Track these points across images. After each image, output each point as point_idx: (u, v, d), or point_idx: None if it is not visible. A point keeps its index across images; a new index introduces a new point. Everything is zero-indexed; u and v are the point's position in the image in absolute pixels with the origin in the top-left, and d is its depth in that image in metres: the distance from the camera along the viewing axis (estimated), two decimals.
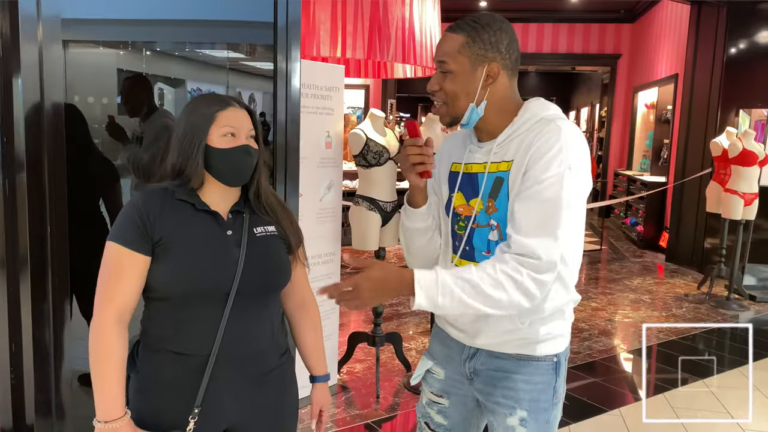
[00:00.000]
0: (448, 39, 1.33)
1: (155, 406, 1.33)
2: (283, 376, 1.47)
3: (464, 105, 1.33)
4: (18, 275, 1.80)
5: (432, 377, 1.53)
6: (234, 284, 1.31)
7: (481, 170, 1.36)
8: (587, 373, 3.72)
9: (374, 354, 3.43)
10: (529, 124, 1.32)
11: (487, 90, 1.33)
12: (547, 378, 1.39)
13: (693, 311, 5.06)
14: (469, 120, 1.35)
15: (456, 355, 1.46)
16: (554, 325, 1.37)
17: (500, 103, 1.35)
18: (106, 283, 1.28)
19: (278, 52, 2.32)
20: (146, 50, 2.57)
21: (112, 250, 1.29)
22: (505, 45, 1.34)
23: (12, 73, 1.74)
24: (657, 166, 8.35)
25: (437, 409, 1.51)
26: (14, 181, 1.76)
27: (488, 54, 1.32)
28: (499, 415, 1.40)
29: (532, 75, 15.21)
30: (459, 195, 1.40)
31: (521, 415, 1.37)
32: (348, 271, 5.98)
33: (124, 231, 1.30)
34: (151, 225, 1.29)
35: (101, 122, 2.45)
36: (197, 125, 1.33)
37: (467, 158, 1.40)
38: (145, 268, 1.30)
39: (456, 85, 1.32)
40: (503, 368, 1.39)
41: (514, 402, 1.38)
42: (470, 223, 1.37)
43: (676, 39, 7.58)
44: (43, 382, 1.88)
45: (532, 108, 1.35)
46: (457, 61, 1.31)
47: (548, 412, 1.40)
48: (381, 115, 3.49)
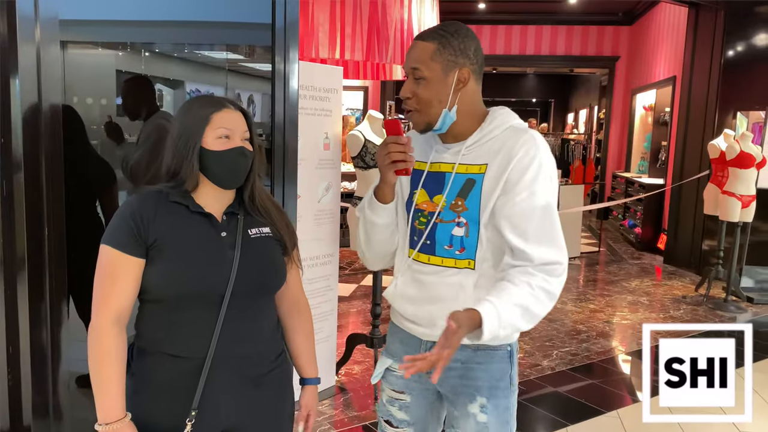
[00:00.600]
0: (419, 47, 1.38)
1: (151, 409, 1.32)
2: (279, 378, 1.46)
3: (437, 111, 1.39)
4: (15, 276, 1.79)
5: (392, 375, 1.57)
6: (229, 286, 1.31)
7: (449, 170, 1.41)
8: (585, 374, 3.72)
9: (372, 355, 3.43)
10: (499, 131, 1.39)
11: (458, 95, 1.39)
12: (503, 366, 1.45)
13: (691, 313, 5.07)
14: (442, 125, 1.40)
15: (414, 351, 1.49)
16: None
17: (469, 107, 1.42)
18: (101, 287, 1.28)
19: (276, 54, 2.32)
20: (145, 51, 2.57)
21: (106, 254, 1.29)
22: (473, 51, 1.40)
23: (9, 74, 1.74)
24: (655, 168, 8.37)
25: (399, 406, 1.55)
26: (12, 182, 1.76)
27: (459, 60, 1.37)
28: (459, 404, 1.46)
29: (531, 77, 15.23)
30: (422, 192, 1.46)
31: (481, 402, 1.43)
32: (347, 273, 5.98)
33: (118, 234, 1.29)
34: (145, 228, 1.29)
35: (99, 123, 2.44)
36: (192, 127, 1.33)
37: (434, 158, 1.46)
38: (140, 270, 1.29)
39: (429, 91, 1.37)
40: (461, 359, 1.43)
41: (473, 390, 1.44)
42: (433, 218, 1.42)
43: (674, 41, 7.60)
44: (40, 383, 1.87)
45: (500, 115, 1.43)
46: (429, 67, 1.36)
47: (507, 399, 1.47)
48: (379, 117, 3.50)
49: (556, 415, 3.14)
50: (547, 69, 11.81)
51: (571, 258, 7.07)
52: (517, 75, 14.66)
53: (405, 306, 1.49)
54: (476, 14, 9.39)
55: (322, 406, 3.15)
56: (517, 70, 12.76)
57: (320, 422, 2.98)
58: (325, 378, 3.26)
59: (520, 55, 9.92)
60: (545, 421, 3.09)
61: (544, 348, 4.15)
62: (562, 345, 4.24)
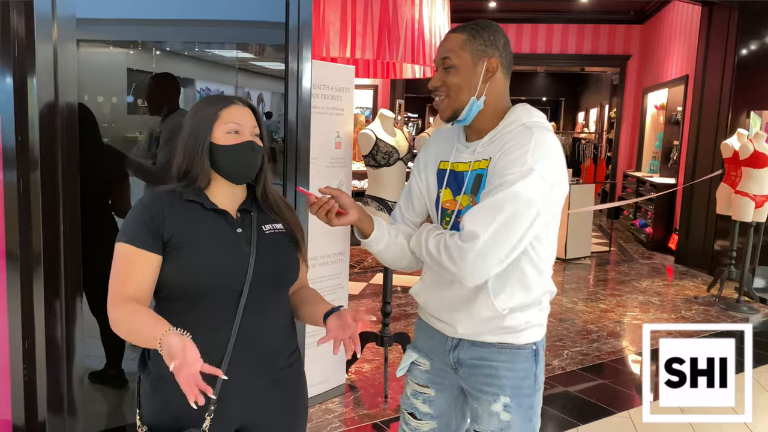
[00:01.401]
0: (450, 38, 1.44)
1: (169, 406, 1.33)
2: (294, 375, 1.47)
3: (466, 98, 1.41)
4: (31, 273, 1.81)
5: (417, 369, 1.59)
6: (246, 281, 1.32)
7: (467, 169, 1.44)
8: (596, 374, 3.71)
9: (382, 354, 3.44)
10: (512, 127, 1.40)
11: (487, 85, 1.42)
12: (527, 365, 1.45)
13: (702, 314, 5.03)
14: (468, 114, 1.42)
15: (440, 347, 1.52)
16: (532, 314, 1.44)
17: (495, 100, 1.44)
18: (116, 281, 1.29)
19: (289, 53, 2.33)
20: (156, 50, 2.58)
21: (122, 251, 1.30)
22: (502, 44, 1.44)
23: (27, 72, 1.76)
24: (666, 167, 8.31)
25: (423, 399, 1.57)
26: (28, 179, 1.78)
27: (487, 50, 1.41)
28: (483, 402, 1.46)
29: (541, 76, 15.17)
30: (447, 191, 1.48)
31: (505, 401, 1.44)
32: (356, 271, 5.99)
33: (133, 231, 1.30)
34: (161, 223, 1.30)
35: (110, 122, 2.46)
36: (201, 124, 1.34)
37: (455, 158, 1.48)
38: (156, 267, 1.30)
39: (459, 79, 1.41)
40: (486, 357, 1.45)
41: (497, 389, 1.44)
42: (453, 217, 1.44)
43: (686, 40, 7.54)
44: (55, 379, 1.89)
45: (517, 112, 1.44)
46: (459, 56, 1.40)
47: (531, 398, 1.47)
48: (391, 116, 3.50)
49: (566, 415, 3.13)
50: (558, 68, 11.75)
51: (582, 257, 7.05)
52: (528, 74, 14.60)
53: (429, 303, 1.51)
54: (487, 13, 9.36)
55: (332, 403, 3.16)
56: (527, 69, 12.70)
57: (330, 420, 2.99)
58: (336, 376, 3.27)
59: (530, 53, 9.88)
60: (556, 420, 3.09)
61: (554, 348, 4.14)
62: (573, 345, 4.22)
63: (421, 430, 1.57)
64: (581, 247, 7.06)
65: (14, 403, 1.86)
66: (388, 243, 1.49)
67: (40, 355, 1.85)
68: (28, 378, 1.85)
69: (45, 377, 1.87)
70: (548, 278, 1.47)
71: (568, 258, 6.92)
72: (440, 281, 1.47)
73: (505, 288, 1.39)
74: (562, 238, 6.83)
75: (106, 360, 2.37)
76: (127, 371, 2.32)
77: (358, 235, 1.50)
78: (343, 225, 1.41)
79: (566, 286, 5.92)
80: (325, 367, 3.17)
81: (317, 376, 3.10)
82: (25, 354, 1.83)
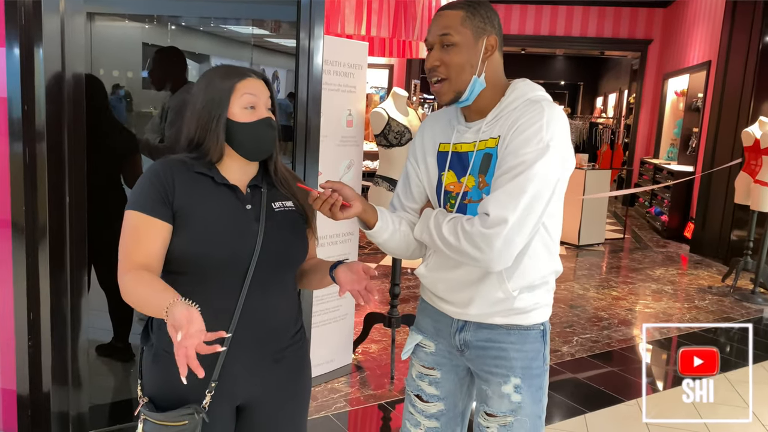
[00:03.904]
0: (447, 15, 1.37)
1: (170, 380, 1.31)
2: (297, 355, 1.46)
3: (468, 77, 1.36)
4: (37, 244, 1.81)
5: (422, 351, 1.57)
6: (253, 259, 1.30)
7: (471, 149, 1.40)
8: (605, 362, 3.68)
9: (390, 335, 3.43)
10: (517, 103, 1.37)
11: (485, 63, 1.38)
12: (536, 346, 1.45)
13: (716, 304, 4.97)
14: (471, 93, 1.38)
15: (445, 328, 1.50)
16: (540, 294, 1.43)
17: (495, 78, 1.40)
18: (125, 248, 1.27)
19: (301, 29, 2.29)
20: (171, 25, 2.55)
21: (132, 218, 1.27)
22: (497, 22, 1.40)
23: (33, 42, 1.74)
24: (685, 155, 8.18)
25: (429, 381, 1.55)
26: (34, 150, 1.77)
27: (487, 27, 1.37)
28: (493, 384, 1.45)
29: (560, 59, 14.93)
30: (450, 174, 1.44)
31: (515, 383, 1.43)
32: (366, 252, 5.98)
33: (142, 198, 1.28)
34: (172, 192, 1.28)
35: (125, 96, 2.44)
36: (216, 98, 1.31)
37: (456, 138, 1.44)
38: (167, 234, 1.27)
39: (461, 56, 1.35)
40: (494, 339, 1.43)
41: (507, 370, 1.43)
42: (458, 199, 1.41)
43: (710, 25, 7.37)
44: (60, 350, 1.91)
45: (520, 87, 1.40)
46: (460, 32, 1.35)
47: (540, 378, 1.46)
48: (404, 94, 3.45)
49: (574, 402, 3.11)
50: (577, 51, 11.54)
51: (595, 244, 6.99)
52: (546, 56, 14.39)
53: (437, 285, 1.49)
54: None
55: (338, 383, 3.17)
56: (546, 51, 12.51)
57: (336, 399, 3.00)
58: (342, 356, 3.27)
59: (549, 35, 9.72)
60: (563, 407, 3.07)
61: (564, 334, 4.11)
62: (583, 331, 4.19)
63: (428, 411, 1.56)
64: (595, 233, 6.99)
65: (19, 373, 1.88)
66: (393, 232, 1.46)
67: (45, 327, 1.86)
68: (33, 349, 1.86)
69: (50, 349, 1.88)
70: (557, 256, 1.45)
71: (582, 244, 6.86)
72: (447, 263, 1.44)
73: (518, 268, 1.37)
74: (576, 224, 6.77)
75: (113, 333, 2.38)
76: (134, 345, 2.33)
77: (361, 227, 1.46)
78: (347, 218, 1.37)
79: (578, 272, 5.87)
80: (331, 347, 3.17)
81: (324, 356, 3.10)
82: (30, 325, 1.84)
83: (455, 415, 1.57)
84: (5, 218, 1.82)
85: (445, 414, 1.55)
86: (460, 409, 1.58)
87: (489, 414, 1.45)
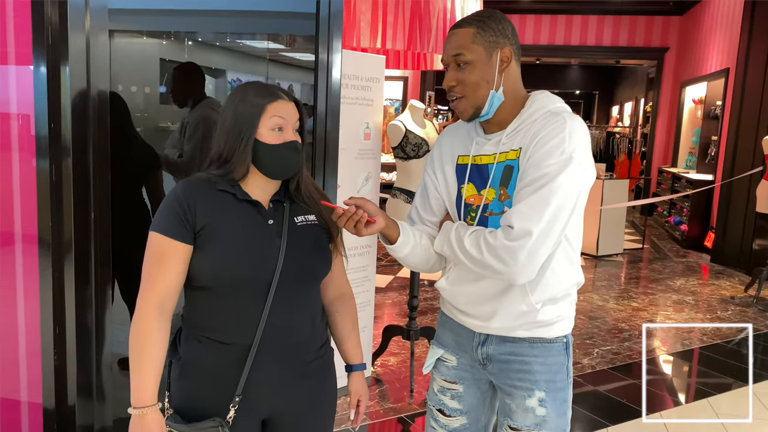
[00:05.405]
0: (458, 34, 1.38)
1: (195, 393, 1.34)
2: (323, 368, 1.46)
3: (485, 93, 1.37)
4: (63, 259, 1.84)
5: (443, 365, 1.56)
6: (276, 273, 1.31)
7: (491, 161, 1.40)
8: (626, 374, 3.63)
9: (408, 347, 3.42)
10: (537, 115, 1.36)
11: (502, 76, 1.38)
12: (560, 359, 1.43)
13: (739, 314, 4.89)
14: (490, 108, 1.38)
15: (467, 342, 1.49)
16: (563, 306, 1.42)
17: (513, 90, 1.40)
18: (148, 272, 1.30)
19: (320, 44, 2.31)
20: (188, 40, 2.59)
21: (154, 240, 1.30)
22: (510, 32, 1.39)
23: (60, 61, 1.77)
24: (704, 163, 8.10)
25: (451, 395, 1.54)
26: (60, 167, 1.80)
27: (499, 40, 1.36)
28: (517, 398, 1.43)
29: (575, 68, 14.89)
30: (470, 186, 1.44)
31: (540, 396, 1.41)
32: (383, 264, 5.98)
33: (165, 221, 1.30)
34: (192, 214, 1.30)
35: (143, 111, 2.48)
36: (246, 117, 1.32)
37: (475, 151, 1.44)
38: (187, 256, 1.30)
39: (475, 74, 1.36)
40: (517, 352, 1.42)
41: (531, 384, 1.42)
42: (479, 212, 1.41)
43: (728, 32, 7.31)
44: (85, 364, 1.93)
45: (539, 100, 1.40)
46: (472, 50, 1.35)
47: (564, 391, 1.45)
48: (421, 107, 3.46)
49: (596, 415, 3.07)
50: (593, 60, 11.50)
51: (614, 254, 6.92)
52: (561, 66, 14.35)
53: (458, 298, 1.48)
54: (520, 3, 9.21)
55: None
56: (561, 61, 12.49)
57: None
58: None
59: (564, 45, 9.70)
60: (585, 420, 3.03)
61: (584, 346, 4.07)
62: (604, 343, 4.14)
63: (451, 426, 1.55)
64: (613, 243, 6.93)
65: (45, 387, 1.90)
66: (414, 246, 1.45)
67: (71, 341, 1.88)
68: (59, 363, 1.88)
69: (75, 362, 1.90)
70: (578, 267, 1.44)
71: (600, 254, 6.80)
72: (468, 276, 1.44)
73: (541, 281, 1.36)
74: (595, 234, 6.71)
75: None
76: None
77: (383, 242, 1.46)
78: (372, 233, 1.37)
79: (597, 283, 5.82)
80: None
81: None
82: (56, 339, 1.86)
83: (478, 429, 1.56)
84: (32, 233, 1.85)
85: (467, 428, 1.54)
86: (483, 423, 1.57)
87: (513, 428, 1.44)
